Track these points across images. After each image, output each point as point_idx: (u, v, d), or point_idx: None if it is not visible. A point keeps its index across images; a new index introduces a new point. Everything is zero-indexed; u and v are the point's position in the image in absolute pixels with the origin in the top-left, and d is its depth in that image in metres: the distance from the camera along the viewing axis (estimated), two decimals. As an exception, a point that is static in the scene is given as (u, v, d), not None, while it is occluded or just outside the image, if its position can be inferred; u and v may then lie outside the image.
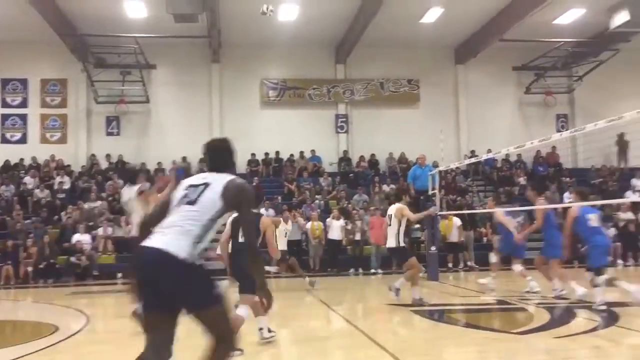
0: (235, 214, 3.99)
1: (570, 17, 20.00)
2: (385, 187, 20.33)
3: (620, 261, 17.35)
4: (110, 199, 18.94)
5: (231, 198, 3.47)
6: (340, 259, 16.92)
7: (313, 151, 22.44)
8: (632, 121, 8.21)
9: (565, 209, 18.32)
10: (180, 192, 3.56)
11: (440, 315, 8.78)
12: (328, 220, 17.21)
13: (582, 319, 7.80)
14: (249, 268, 3.76)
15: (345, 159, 22.51)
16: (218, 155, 3.77)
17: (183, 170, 15.73)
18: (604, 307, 8.26)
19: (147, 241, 3.35)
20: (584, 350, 6.21)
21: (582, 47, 21.93)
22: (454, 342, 6.78)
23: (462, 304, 9.71)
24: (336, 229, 16.93)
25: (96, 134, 22.24)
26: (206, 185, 3.51)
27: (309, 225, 16.92)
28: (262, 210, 18.59)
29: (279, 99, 23.01)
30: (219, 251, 7.91)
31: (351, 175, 21.67)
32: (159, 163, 21.38)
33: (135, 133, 22.29)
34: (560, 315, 8.17)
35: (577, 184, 20.66)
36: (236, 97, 22.68)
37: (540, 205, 10.17)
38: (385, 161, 22.75)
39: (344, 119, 23.24)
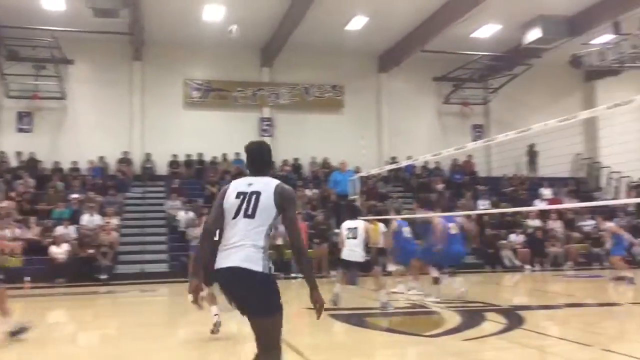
0: None
1: (486, 31, 20.88)
2: (307, 192, 20.44)
3: (527, 266, 18.23)
4: (19, 199, 18.04)
5: (281, 203, 3.81)
6: (286, 263, 16.80)
7: (238, 154, 22.26)
8: (540, 133, 8.69)
9: (480, 216, 19.12)
10: (232, 200, 3.86)
11: (357, 319, 8.92)
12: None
13: (490, 322, 8.14)
14: (301, 269, 4.11)
15: (268, 163, 22.44)
16: (259, 157, 4.10)
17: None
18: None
19: (225, 260, 3.74)
20: (492, 351, 6.49)
21: (498, 60, 22.93)
22: (369, 345, 6.91)
23: (378, 308, 9.90)
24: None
25: (6, 130, 21.10)
26: (258, 194, 3.81)
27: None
28: (182, 213, 18.36)
29: (202, 100, 22.68)
30: None
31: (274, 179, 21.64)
32: (73, 162, 20.59)
33: (50, 130, 21.29)
34: (471, 318, 8.49)
35: (490, 192, 21.64)
36: (158, 96, 22.15)
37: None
38: (308, 166, 22.89)
39: (268, 123, 23.20)
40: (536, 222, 19.67)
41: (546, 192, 21.48)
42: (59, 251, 15.58)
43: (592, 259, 18.78)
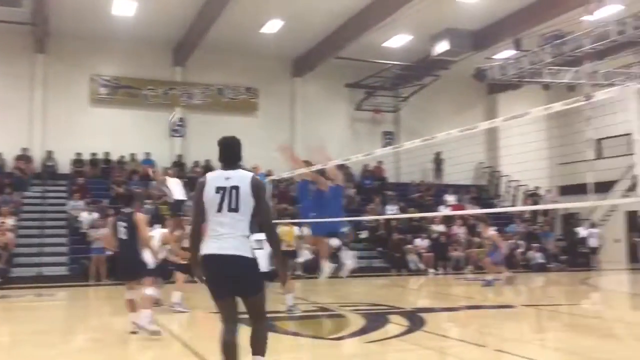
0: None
1: (398, 41, 21.49)
2: (218, 194, 20.17)
3: (431, 270, 18.90)
4: None
5: (257, 193, 4.33)
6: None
7: (147, 153, 21.64)
8: (445, 141, 9.07)
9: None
10: (212, 194, 4.29)
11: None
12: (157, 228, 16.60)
13: (393, 324, 8.36)
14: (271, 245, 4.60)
15: (179, 164, 22.00)
16: (232, 151, 4.54)
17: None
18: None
19: (216, 248, 4.24)
20: (394, 353, 6.68)
21: (408, 70, 23.66)
22: (274, 349, 6.89)
23: (284, 312, 9.93)
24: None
25: None
26: (237, 188, 4.28)
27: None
28: (85, 214, 17.61)
29: (111, 97, 21.88)
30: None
31: (185, 180, 21.21)
32: (-33, 159, 19.30)
33: (-60, 124, 19.84)
34: (373, 321, 8.68)
35: (398, 198, 22.29)
36: (63, 92, 21.13)
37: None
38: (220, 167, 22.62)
39: (180, 123, 22.72)
40: (440, 228, 20.43)
41: (450, 198, 22.38)
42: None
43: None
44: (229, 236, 4.24)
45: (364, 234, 20.19)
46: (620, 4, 16.99)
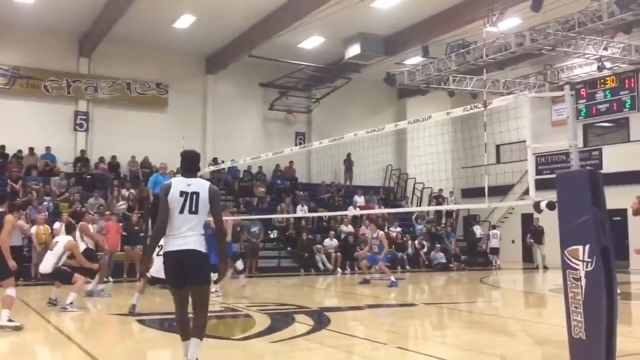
0: None
1: (311, 43, 21.69)
2: (124, 192, 19.52)
3: (339, 270, 19.19)
4: None
5: (212, 199, 5.10)
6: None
7: (48, 148, 20.58)
8: (355, 142, 9.27)
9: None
10: (176, 197, 4.99)
11: (165, 324, 8.70)
12: (56, 225, 15.81)
13: (298, 324, 8.42)
14: (219, 245, 5.33)
15: (82, 159, 21.08)
16: (194, 163, 5.27)
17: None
18: None
19: (177, 244, 4.98)
20: (298, 352, 6.72)
21: (321, 72, 23.93)
22: (174, 350, 6.77)
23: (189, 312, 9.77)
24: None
25: None
26: (197, 194, 5.01)
27: (33, 229, 15.38)
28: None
29: (8, 88, 20.67)
30: None
31: (88, 177, 20.39)
32: None
33: None
34: (280, 321, 8.72)
35: (309, 198, 22.47)
36: (-47, 79, 19.75)
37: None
38: (127, 164, 21.88)
39: (84, 117, 21.80)
40: (349, 228, 20.79)
41: (359, 199, 22.80)
42: None
43: (396, 263, 20.29)
44: (189, 235, 4.98)
45: (274, 234, 20.20)
46: (519, 17, 17.99)
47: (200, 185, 5.10)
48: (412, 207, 23.27)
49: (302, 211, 20.72)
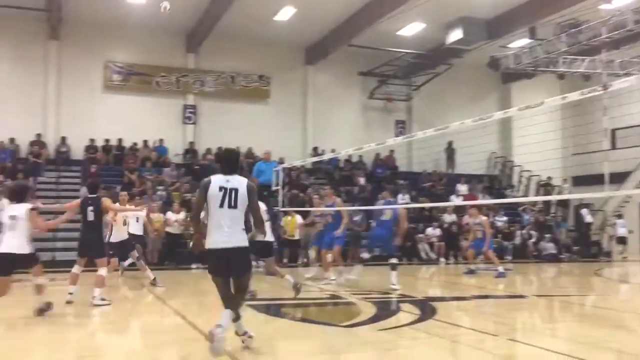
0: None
1: (411, 30, 21.36)
2: (230, 181, 20.23)
3: (442, 259, 18.89)
4: None
5: (249, 194, 5.39)
6: (181, 253, 16.54)
7: (161, 140, 21.75)
8: (457, 130, 9.05)
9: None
10: (216, 193, 5.30)
11: (275, 309, 8.96)
12: (168, 213, 16.73)
13: (405, 313, 8.38)
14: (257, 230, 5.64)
15: (191, 151, 22.08)
16: (232, 161, 5.59)
17: None
18: None
19: (222, 241, 5.32)
20: (405, 341, 6.69)
21: (421, 59, 23.52)
22: (285, 335, 6.96)
23: (297, 299, 9.98)
24: (176, 220, 16.48)
25: None
26: (236, 190, 5.32)
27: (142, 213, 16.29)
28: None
29: (123, 84, 21.99)
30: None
31: (197, 167, 21.32)
32: (-18, 143, 19.48)
33: (-45, 109, 20.02)
34: (386, 309, 8.71)
35: (410, 187, 22.24)
36: (76, 78, 21.26)
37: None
38: (232, 155, 22.64)
39: (192, 110, 22.79)
40: (452, 217, 20.38)
41: (462, 188, 22.29)
42: (-37, 237, 14.67)
43: (503, 253, 19.66)
44: (231, 231, 5.31)
45: (374, 223, 20.14)
46: (638, -8, 16.77)
47: (239, 182, 5.41)
48: (519, 198, 22.31)
49: (403, 200, 20.53)
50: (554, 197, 22.21)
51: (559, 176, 23.40)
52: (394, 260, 10.87)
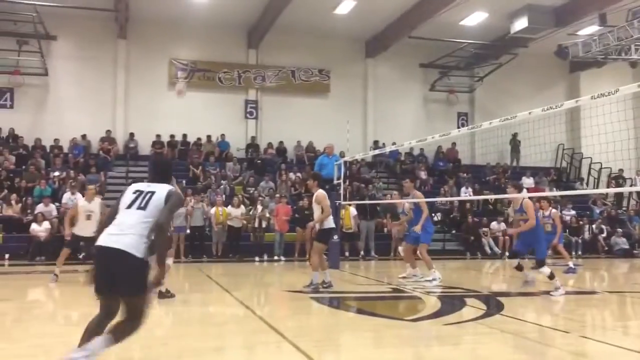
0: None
1: (474, 20, 20.90)
2: (292, 175, 20.42)
3: (507, 254, 18.39)
4: (-1, 175, 17.82)
5: (168, 199, 4.44)
6: (243, 246, 16.80)
7: (223, 135, 22.16)
8: (524, 121, 8.77)
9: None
10: (129, 195, 4.47)
11: (338, 302, 8.98)
12: (229, 207, 16.97)
13: (470, 308, 8.23)
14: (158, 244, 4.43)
15: (253, 145, 22.40)
16: (160, 170, 4.80)
17: None
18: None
19: (107, 240, 4.24)
20: (472, 336, 6.57)
21: (484, 49, 23.00)
22: (349, 328, 6.97)
23: (359, 292, 9.97)
24: (236, 215, 16.69)
25: (-14, 106, 20.77)
26: (152, 193, 4.46)
27: (212, 210, 16.69)
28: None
29: (188, 81, 22.47)
30: None
31: (258, 161, 21.61)
32: (55, 140, 20.37)
33: (31, 107, 21.03)
34: (451, 304, 8.59)
35: (473, 180, 21.80)
36: (143, 76, 21.94)
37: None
38: (293, 149, 22.85)
39: (253, 105, 23.10)
40: (518, 211, 19.82)
41: (528, 181, 21.67)
42: (40, 229, 15.45)
43: (571, 248, 19.01)
44: (125, 234, 4.26)
45: (437, 217, 19.91)
46: None
47: (161, 187, 4.56)
48: (588, 190, 21.50)
49: (466, 194, 20.20)
50: (625, 189, 21.29)
51: (632, 167, 22.40)
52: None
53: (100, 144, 20.88)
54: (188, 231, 16.24)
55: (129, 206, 4.41)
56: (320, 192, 9.56)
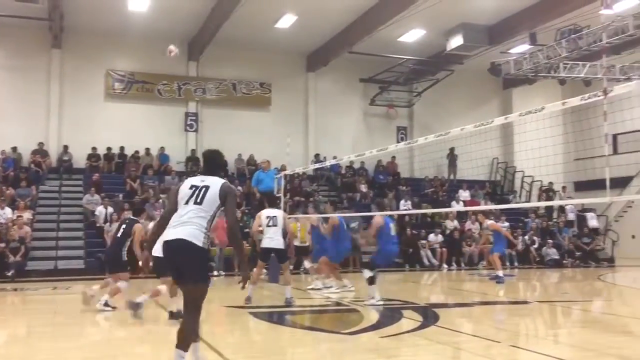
0: None
1: (412, 36, 21.40)
2: (232, 189, 20.24)
3: (445, 265, 18.85)
4: None
5: (224, 196, 4.79)
6: None
7: (162, 148, 21.76)
8: (458, 136, 9.03)
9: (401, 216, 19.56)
10: (185, 191, 4.82)
11: (277, 317, 8.95)
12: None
13: (406, 319, 8.36)
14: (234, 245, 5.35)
15: (193, 158, 22.09)
16: (212, 162, 5.19)
17: None
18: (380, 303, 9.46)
19: (171, 233, 4.67)
20: (408, 348, 6.68)
21: (422, 65, 23.54)
22: (287, 343, 6.95)
23: (299, 306, 9.96)
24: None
25: None
26: (207, 187, 4.80)
27: (151, 225, 16.30)
28: (101, 209, 17.73)
29: (125, 92, 22.03)
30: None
31: (198, 175, 21.27)
32: (-15, 152, 19.52)
33: (-41, 118, 20.09)
34: (388, 316, 8.70)
35: (412, 193, 22.21)
36: (78, 86, 21.33)
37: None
38: (234, 162, 22.67)
39: (193, 118, 22.82)
40: (455, 223, 20.36)
41: (464, 194, 22.25)
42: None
43: (504, 259, 19.60)
44: (186, 224, 4.67)
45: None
46: (638, -3, 16.79)
47: (214, 181, 4.93)
48: (521, 203, 22.32)
49: (405, 206, 20.54)
50: (555, 203, 22.17)
51: (560, 181, 23.37)
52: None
53: (32, 157, 20.13)
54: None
55: (187, 202, 4.78)
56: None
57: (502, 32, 20.21)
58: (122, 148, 21.31)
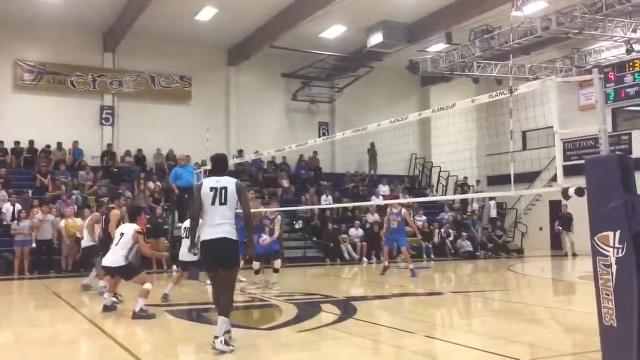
0: None
1: (333, 32, 21.59)
2: (151, 184, 19.74)
3: (365, 259, 19.19)
4: None
5: (239, 192, 6.03)
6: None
7: (76, 142, 20.88)
8: (378, 131, 9.23)
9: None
10: (207, 192, 5.91)
11: (194, 314, 8.81)
12: (79, 219, 15.93)
13: (325, 313, 8.45)
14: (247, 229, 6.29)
15: (109, 153, 21.35)
16: (221, 164, 6.30)
17: None
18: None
19: (212, 233, 5.88)
20: (325, 341, 6.74)
21: (343, 61, 23.82)
22: (204, 340, 6.84)
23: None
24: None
25: None
26: (225, 188, 5.92)
27: (62, 222, 15.65)
28: (8, 206, 16.82)
29: (35, 84, 20.99)
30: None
31: (115, 170, 20.64)
32: None
33: None
34: (306, 310, 8.75)
35: (333, 188, 22.46)
36: (-17, 77, 20.13)
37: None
38: (152, 157, 22.10)
39: (109, 111, 22.06)
40: (375, 217, 20.74)
41: (384, 188, 22.71)
42: None
43: (422, 252, 20.20)
44: (222, 224, 5.86)
45: (299, 224, 20.26)
46: (545, 0, 17.66)
47: (228, 181, 6.00)
48: (438, 196, 23.11)
49: (326, 201, 20.74)
50: (467, 196, 23.04)
51: (474, 176, 24.29)
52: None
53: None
54: (34, 245, 15.12)
55: (213, 202, 5.86)
56: None
57: (420, 31, 20.73)
58: (31, 142, 20.31)
